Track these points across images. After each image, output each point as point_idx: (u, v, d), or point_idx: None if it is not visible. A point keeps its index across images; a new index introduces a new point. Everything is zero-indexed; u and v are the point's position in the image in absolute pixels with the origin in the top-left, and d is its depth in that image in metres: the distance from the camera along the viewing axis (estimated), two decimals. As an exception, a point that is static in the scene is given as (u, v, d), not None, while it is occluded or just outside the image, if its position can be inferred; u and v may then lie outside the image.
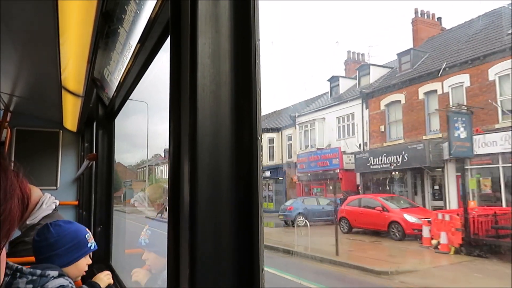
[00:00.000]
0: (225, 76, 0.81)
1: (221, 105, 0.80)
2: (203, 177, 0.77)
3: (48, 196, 2.66)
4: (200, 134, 0.78)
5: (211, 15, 0.81)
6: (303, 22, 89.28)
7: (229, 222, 0.78)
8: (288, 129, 32.88)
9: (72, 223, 2.02)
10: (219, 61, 0.80)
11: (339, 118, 28.32)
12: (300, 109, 32.42)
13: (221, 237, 0.78)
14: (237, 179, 0.79)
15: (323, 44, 77.43)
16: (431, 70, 21.72)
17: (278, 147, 33.42)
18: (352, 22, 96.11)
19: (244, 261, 0.78)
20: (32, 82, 3.20)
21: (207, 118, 0.79)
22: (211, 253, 0.76)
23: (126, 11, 1.70)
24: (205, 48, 0.80)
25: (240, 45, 0.82)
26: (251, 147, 0.80)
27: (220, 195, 0.78)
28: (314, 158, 28.20)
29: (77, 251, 1.89)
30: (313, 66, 67.02)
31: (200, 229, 0.76)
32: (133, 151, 44.54)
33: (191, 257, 0.76)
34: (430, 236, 14.94)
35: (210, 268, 0.76)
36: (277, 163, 32.91)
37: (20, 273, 1.67)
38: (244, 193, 0.79)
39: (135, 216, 14.51)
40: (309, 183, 29.65)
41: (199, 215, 0.76)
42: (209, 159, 0.78)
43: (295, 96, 63.97)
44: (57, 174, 4.78)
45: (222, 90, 0.80)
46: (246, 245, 0.79)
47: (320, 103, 32.00)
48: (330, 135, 28.40)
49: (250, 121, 0.81)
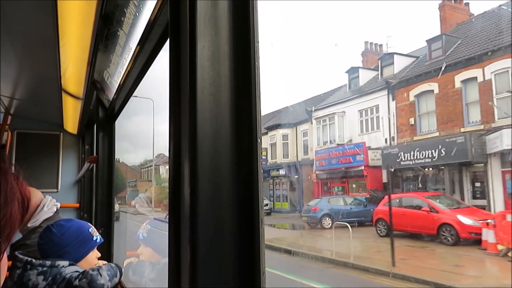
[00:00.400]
0: (225, 78, 0.81)
1: (221, 107, 0.80)
2: (203, 179, 0.78)
3: (49, 198, 2.66)
4: (200, 136, 0.78)
5: (210, 17, 0.81)
6: (307, 17, 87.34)
7: (230, 223, 0.78)
8: (303, 124, 30.20)
9: (73, 220, 2.02)
10: (219, 63, 0.81)
11: (361, 112, 25.67)
12: (314, 104, 29.87)
13: (222, 238, 0.78)
14: (237, 180, 0.80)
15: (332, 38, 74.85)
16: (469, 56, 19.40)
17: (292, 144, 30.89)
18: (367, 12, 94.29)
19: (245, 261, 0.79)
20: (32, 85, 3.21)
21: (207, 120, 0.79)
22: (212, 254, 0.77)
23: (126, 14, 1.70)
24: (204, 50, 0.80)
25: (240, 47, 0.82)
26: (251, 149, 0.81)
27: (221, 196, 0.79)
28: (336, 154, 25.73)
29: (83, 246, 1.89)
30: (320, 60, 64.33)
31: (200, 231, 0.77)
32: (137, 151, 43.90)
33: (192, 258, 0.76)
34: (495, 242, 12.59)
35: (211, 269, 0.77)
36: (292, 161, 30.24)
37: (31, 265, 1.70)
38: (245, 194, 0.80)
39: (142, 218, 13.95)
40: (328, 181, 27.34)
41: (199, 216, 0.77)
42: (210, 160, 0.79)
43: (307, 90, 61.38)
44: (58, 177, 4.79)
45: (221, 92, 0.80)
46: (247, 246, 0.79)
47: (337, 96, 29.60)
48: (351, 129, 26.00)
49: (250, 122, 0.81)
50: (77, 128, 4.60)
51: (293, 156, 30.69)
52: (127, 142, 22.07)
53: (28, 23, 2.00)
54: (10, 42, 2.19)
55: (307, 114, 29.42)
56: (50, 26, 1.93)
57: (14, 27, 2.03)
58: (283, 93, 65.22)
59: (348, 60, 70.00)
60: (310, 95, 34.50)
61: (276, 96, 49.01)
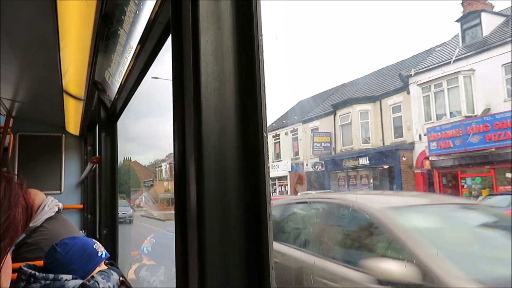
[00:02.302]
0: (229, 73, 0.80)
1: (226, 103, 0.79)
2: (210, 176, 0.77)
3: (51, 199, 2.68)
4: (205, 132, 0.77)
5: (212, 12, 0.80)
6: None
7: (237, 220, 0.77)
8: (393, 96, 21.20)
9: (78, 237, 2.02)
10: (222, 58, 0.80)
11: (505, 67, 16.29)
12: (406, 68, 20.81)
13: (229, 237, 0.77)
14: (244, 177, 0.79)
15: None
16: None
17: (376, 123, 22.33)
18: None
19: (253, 259, 0.78)
20: (34, 87, 3.20)
21: (212, 116, 0.78)
22: (220, 252, 0.76)
23: (126, 12, 1.69)
24: (207, 45, 0.79)
25: (243, 42, 0.81)
26: (257, 144, 0.80)
27: (228, 194, 0.78)
28: (478, 128, 16.34)
29: (89, 262, 1.90)
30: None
31: (208, 229, 0.76)
32: (153, 148, 42.52)
33: (199, 257, 0.75)
34: None
35: (219, 268, 0.76)
36: (378, 146, 21.86)
37: (34, 278, 1.70)
38: (252, 191, 0.79)
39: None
40: (453, 170, 17.77)
41: (207, 214, 0.76)
42: (215, 157, 0.78)
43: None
44: (61, 178, 4.80)
45: (226, 87, 0.79)
46: (256, 243, 0.78)
47: (445, 53, 20.04)
48: (488, 94, 17.08)
49: (255, 117, 0.80)
50: (79, 129, 4.60)
51: (378, 140, 22.20)
52: (140, 141, 21.45)
53: (28, 25, 1.99)
54: (10, 45, 2.18)
55: (402, 80, 20.60)
56: (50, 27, 1.92)
57: (14, 30, 2.03)
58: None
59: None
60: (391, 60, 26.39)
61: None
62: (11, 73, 2.71)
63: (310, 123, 27.62)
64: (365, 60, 46.45)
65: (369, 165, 21.48)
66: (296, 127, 29.12)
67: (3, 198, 0.72)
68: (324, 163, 24.48)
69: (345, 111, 23.59)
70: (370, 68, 36.20)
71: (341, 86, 28.74)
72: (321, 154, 24.69)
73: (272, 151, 30.91)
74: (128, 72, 2.06)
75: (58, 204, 2.69)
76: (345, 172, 23.59)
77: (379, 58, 45.27)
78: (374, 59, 42.61)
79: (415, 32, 50.34)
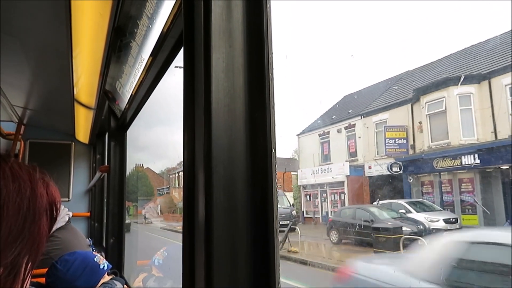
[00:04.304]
0: (239, 89, 0.82)
1: (236, 119, 0.81)
2: (218, 189, 0.78)
3: (61, 207, 2.68)
4: (214, 147, 0.79)
5: (224, 30, 0.82)
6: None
7: (244, 237, 0.78)
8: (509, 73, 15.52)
9: (77, 252, 1.99)
10: (233, 75, 0.81)
11: None
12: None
13: (237, 250, 0.78)
14: (252, 192, 0.80)
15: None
16: None
17: (483, 110, 16.79)
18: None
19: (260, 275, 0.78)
20: (45, 95, 3.25)
21: (222, 131, 0.79)
22: (227, 266, 0.76)
23: (139, 26, 1.72)
24: (219, 62, 0.81)
25: (254, 59, 0.83)
26: (266, 160, 0.81)
27: (236, 207, 0.79)
28: None
29: (92, 277, 1.88)
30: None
31: (215, 243, 0.76)
32: (167, 155, 40.63)
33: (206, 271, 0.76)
34: None
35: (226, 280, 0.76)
36: (490, 141, 16.28)
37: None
38: (260, 205, 0.80)
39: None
40: None
41: (214, 228, 0.76)
42: (224, 171, 0.79)
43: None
44: (70, 186, 4.83)
45: (236, 104, 0.81)
46: (263, 257, 0.79)
47: None
48: None
49: (264, 134, 0.81)
50: (88, 137, 4.64)
51: (488, 132, 16.61)
52: (153, 148, 20.60)
53: (42, 35, 2.04)
54: (24, 53, 2.23)
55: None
56: (64, 38, 1.96)
57: (28, 39, 2.07)
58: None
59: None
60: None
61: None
62: (24, 81, 2.76)
63: (374, 116, 22.35)
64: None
65: (481, 165, 15.94)
66: (353, 122, 23.71)
67: (28, 210, 0.63)
68: (402, 164, 19.40)
69: (435, 96, 18.16)
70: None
71: (404, 73, 23.52)
72: (394, 153, 19.90)
73: (319, 153, 25.92)
74: (139, 83, 2.09)
75: (69, 213, 2.69)
76: (433, 176, 18.53)
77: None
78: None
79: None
